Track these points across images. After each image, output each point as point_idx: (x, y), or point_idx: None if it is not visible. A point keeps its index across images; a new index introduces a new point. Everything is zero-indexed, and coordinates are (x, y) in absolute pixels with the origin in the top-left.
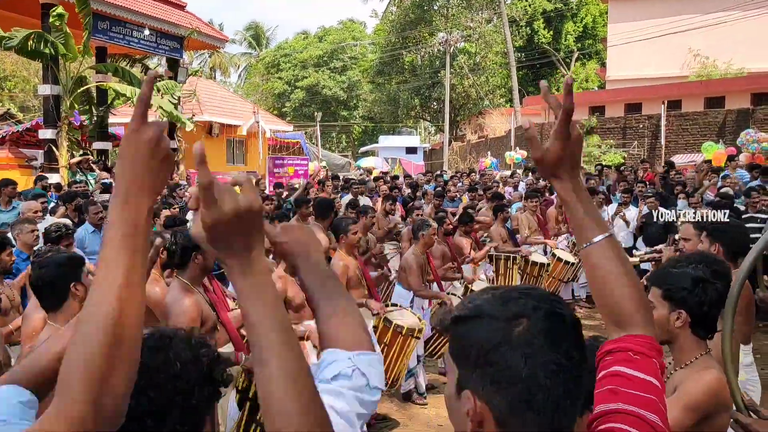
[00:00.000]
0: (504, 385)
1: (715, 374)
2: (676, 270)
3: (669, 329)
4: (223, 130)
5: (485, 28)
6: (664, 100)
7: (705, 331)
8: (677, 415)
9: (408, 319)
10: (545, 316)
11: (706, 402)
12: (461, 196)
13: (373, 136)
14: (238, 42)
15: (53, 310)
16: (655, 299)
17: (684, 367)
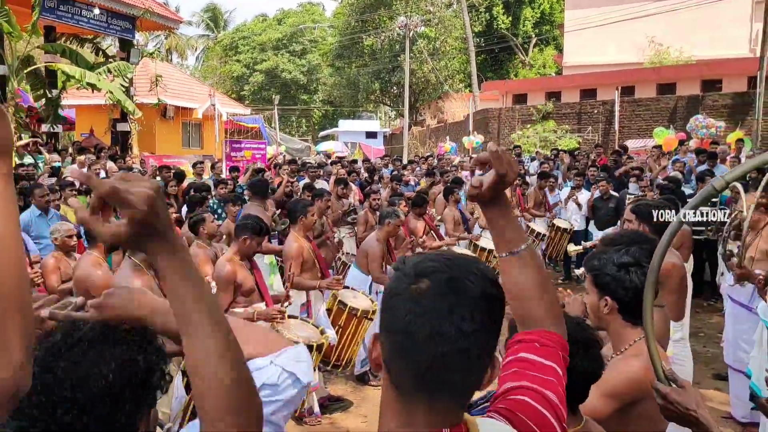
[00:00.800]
0: (389, 332)
1: (641, 363)
2: (603, 255)
3: (599, 316)
4: (178, 112)
5: (445, 13)
6: (618, 86)
7: (636, 317)
8: (594, 401)
9: (362, 301)
10: (445, 282)
11: (626, 391)
12: (419, 180)
13: (333, 120)
14: (195, 24)
15: None
16: (588, 285)
17: (617, 355)
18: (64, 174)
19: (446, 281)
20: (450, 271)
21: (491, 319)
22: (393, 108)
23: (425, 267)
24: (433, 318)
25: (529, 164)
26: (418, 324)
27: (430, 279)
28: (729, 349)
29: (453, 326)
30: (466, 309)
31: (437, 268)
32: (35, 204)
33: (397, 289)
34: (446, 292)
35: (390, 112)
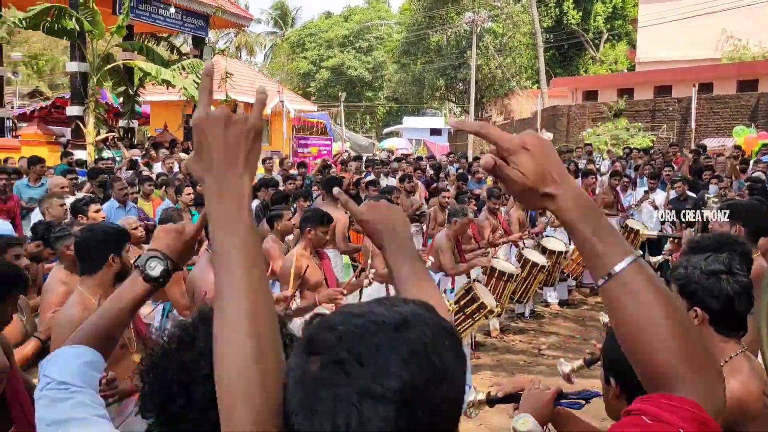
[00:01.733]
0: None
1: (741, 381)
2: (690, 262)
3: None
4: (247, 109)
5: (513, 8)
6: (695, 82)
7: (731, 329)
8: None
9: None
10: (332, 364)
11: (726, 415)
12: (486, 177)
13: (397, 117)
14: (264, 21)
15: (87, 274)
16: (675, 295)
17: None
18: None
19: (333, 363)
20: (346, 346)
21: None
22: (458, 105)
23: (321, 339)
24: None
25: (600, 163)
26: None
27: (319, 356)
28: None
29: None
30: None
31: (332, 342)
32: (114, 197)
33: (289, 364)
34: (334, 380)
35: (455, 108)
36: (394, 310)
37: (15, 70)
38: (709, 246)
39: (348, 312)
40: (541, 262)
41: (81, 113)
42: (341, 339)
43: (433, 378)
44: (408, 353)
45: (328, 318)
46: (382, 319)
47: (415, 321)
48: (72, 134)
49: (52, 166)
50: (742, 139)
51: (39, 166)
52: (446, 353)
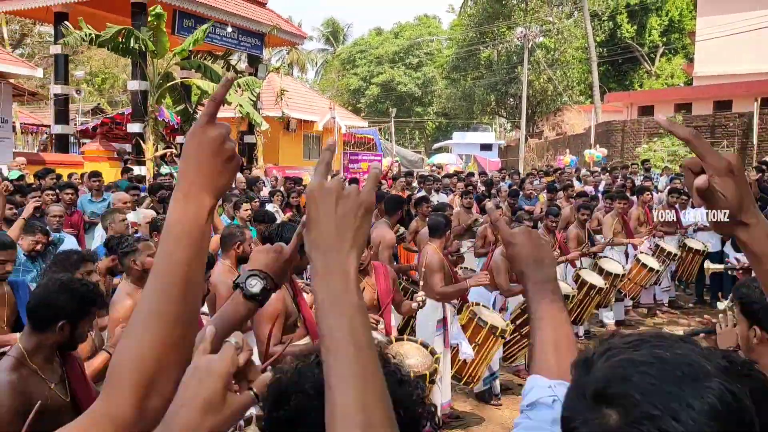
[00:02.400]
0: None
1: None
2: (753, 281)
3: (750, 347)
4: (300, 125)
5: (565, 23)
6: (757, 97)
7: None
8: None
9: (497, 319)
10: (644, 419)
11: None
12: (538, 194)
13: (446, 132)
14: (315, 38)
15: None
16: (737, 314)
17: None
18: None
19: (644, 418)
20: (653, 401)
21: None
22: (509, 120)
23: (614, 390)
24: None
25: (658, 180)
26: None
27: (618, 409)
28: None
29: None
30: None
31: (628, 392)
32: None
33: (573, 417)
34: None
35: (506, 123)
36: (680, 354)
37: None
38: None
39: (632, 359)
40: (599, 284)
41: (141, 130)
42: (644, 393)
43: (740, 428)
44: (717, 404)
45: (612, 365)
46: (680, 368)
47: (707, 368)
48: (132, 150)
49: (115, 181)
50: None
51: (95, 180)
52: (747, 401)
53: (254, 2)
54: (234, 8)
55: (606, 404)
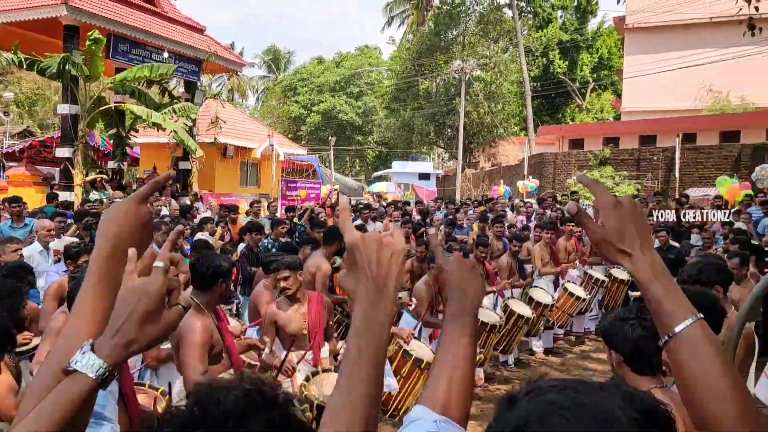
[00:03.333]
0: None
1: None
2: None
3: (616, 372)
4: (237, 152)
5: (501, 58)
6: (679, 132)
7: (644, 367)
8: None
9: (424, 351)
10: None
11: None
12: (471, 224)
13: (386, 161)
14: (257, 65)
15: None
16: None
17: None
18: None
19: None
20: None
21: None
22: (447, 150)
23: (530, 429)
24: None
25: (586, 210)
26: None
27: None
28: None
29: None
30: None
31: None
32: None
33: None
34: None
35: (444, 154)
36: (595, 402)
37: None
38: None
39: (553, 402)
40: (526, 315)
41: (70, 155)
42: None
43: None
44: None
45: (532, 407)
46: (592, 414)
47: (618, 417)
48: (60, 175)
49: (41, 207)
50: (725, 189)
51: (14, 205)
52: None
53: (192, 28)
54: (171, 34)
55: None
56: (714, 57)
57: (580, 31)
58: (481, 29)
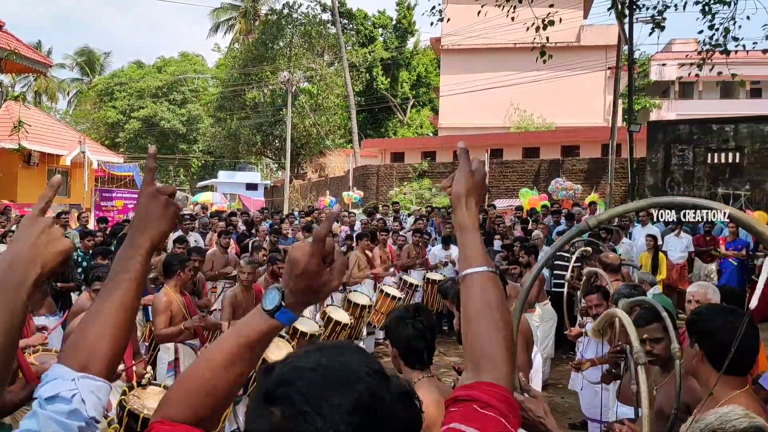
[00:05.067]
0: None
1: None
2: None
3: (393, 363)
4: (43, 159)
5: (326, 71)
6: (487, 148)
7: (415, 362)
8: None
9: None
10: (297, 415)
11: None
12: (296, 234)
13: (212, 171)
14: (68, 67)
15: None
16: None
17: None
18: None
19: (297, 414)
20: (306, 400)
21: None
22: (275, 161)
23: (281, 393)
24: None
25: (406, 220)
26: None
27: (281, 407)
28: (584, 399)
29: None
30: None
31: (292, 396)
32: None
33: (251, 414)
34: (299, 428)
35: (272, 164)
36: (340, 362)
37: None
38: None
39: (299, 366)
40: (344, 321)
41: None
42: (301, 393)
43: (379, 420)
44: (356, 402)
45: (283, 372)
46: (333, 373)
47: (359, 372)
48: None
49: None
50: (526, 200)
51: None
52: (386, 396)
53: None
54: None
55: (272, 403)
56: (517, 80)
57: (400, 50)
58: (306, 42)
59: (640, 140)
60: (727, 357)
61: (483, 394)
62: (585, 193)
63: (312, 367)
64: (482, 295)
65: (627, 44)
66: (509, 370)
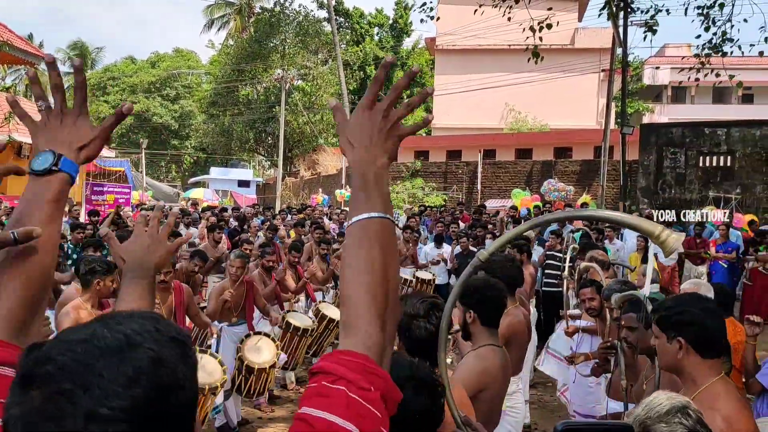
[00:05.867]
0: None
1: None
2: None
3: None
4: (34, 151)
5: (320, 69)
6: (480, 148)
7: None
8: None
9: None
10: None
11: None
12: (289, 230)
13: (204, 167)
14: (60, 60)
15: None
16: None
17: None
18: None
19: (57, 394)
20: (69, 376)
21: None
22: (267, 158)
23: (40, 372)
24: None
25: (398, 219)
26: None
27: (40, 388)
28: (574, 394)
29: None
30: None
31: (53, 374)
32: None
33: (8, 404)
34: (60, 411)
35: (264, 161)
36: (117, 330)
37: None
38: (467, 291)
39: (68, 339)
40: (337, 318)
41: None
42: (62, 369)
43: (164, 390)
44: (134, 372)
45: (46, 349)
46: (104, 342)
47: (139, 339)
48: None
49: None
50: (518, 201)
51: None
52: (175, 363)
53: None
54: None
55: (30, 386)
56: (511, 81)
57: (395, 49)
58: (300, 40)
59: (633, 143)
60: (712, 342)
61: (335, 365)
62: (577, 194)
63: (82, 339)
64: (361, 245)
65: (621, 47)
66: (375, 331)
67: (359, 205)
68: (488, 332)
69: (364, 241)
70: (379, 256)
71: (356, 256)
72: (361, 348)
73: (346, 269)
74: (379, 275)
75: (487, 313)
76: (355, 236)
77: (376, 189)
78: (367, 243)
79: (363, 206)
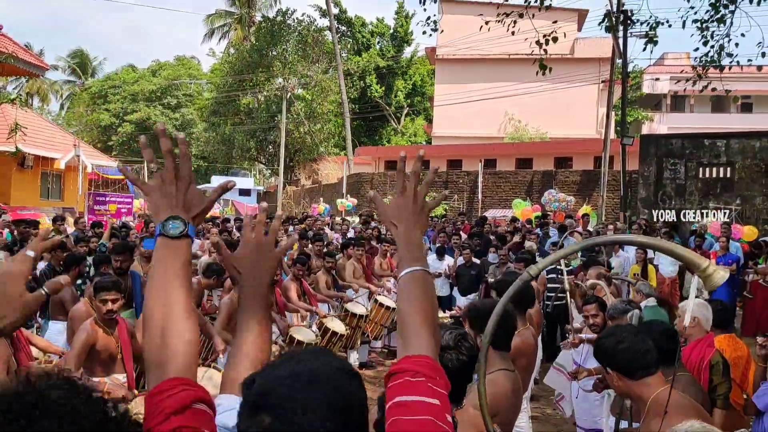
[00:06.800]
0: None
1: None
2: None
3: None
4: (37, 162)
5: (321, 78)
6: (481, 158)
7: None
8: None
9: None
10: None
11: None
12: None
13: (205, 176)
14: (61, 69)
15: None
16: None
17: None
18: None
19: (283, 416)
20: (289, 401)
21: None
22: (268, 167)
23: (263, 400)
24: None
25: None
26: None
27: (269, 413)
28: (578, 409)
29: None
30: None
31: (271, 400)
32: None
33: (241, 424)
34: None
35: (265, 170)
36: (310, 369)
37: None
38: (480, 314)
39: (275, 375)
40: (340, 331)
41: None
42: (282, 398)
43: (356, 411)
44: (331, 401)
45: (260, 384)
46: (307, 377)
47: (326, 375)
48: None
49: None
50: (519, 211)
51: None
52: (357, 390)
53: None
54: None
55: (260, 411)
56: (512, 90)
57: (396, 59)
58: (301, 49)
59: (633, 153)
60: (633, 363)
61: (411, 365)
62: (578, 205)
63: (286, 375)
64: (412, 289)
65: (621, 58)
66: (431, 344)
67: (409, 263)
68: (500, 356)
69: (414, 283)
70: (422, 292)
71: (408, 292)
72: (425, 352)
73: (404, 302)
74: (426, 305)
75: (498, 338)
76: (408, 281)
77: (418, 251)
78: (414, 284)
79: (411, 263)
